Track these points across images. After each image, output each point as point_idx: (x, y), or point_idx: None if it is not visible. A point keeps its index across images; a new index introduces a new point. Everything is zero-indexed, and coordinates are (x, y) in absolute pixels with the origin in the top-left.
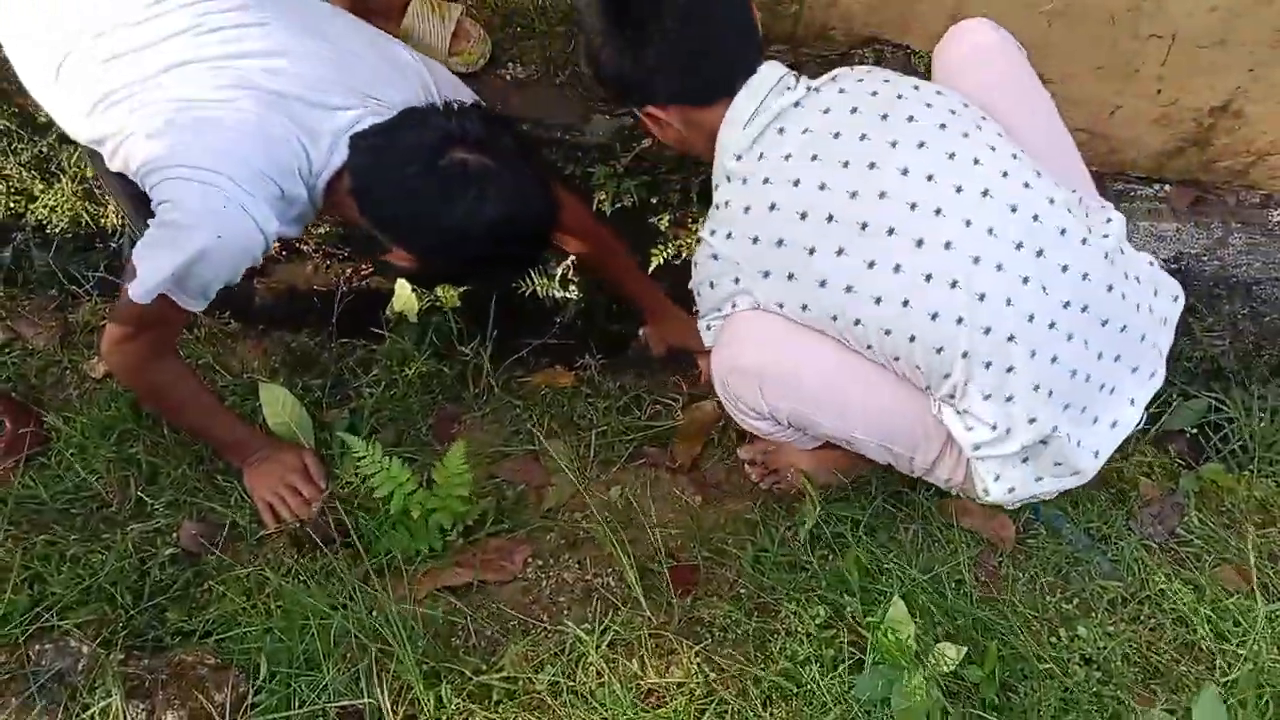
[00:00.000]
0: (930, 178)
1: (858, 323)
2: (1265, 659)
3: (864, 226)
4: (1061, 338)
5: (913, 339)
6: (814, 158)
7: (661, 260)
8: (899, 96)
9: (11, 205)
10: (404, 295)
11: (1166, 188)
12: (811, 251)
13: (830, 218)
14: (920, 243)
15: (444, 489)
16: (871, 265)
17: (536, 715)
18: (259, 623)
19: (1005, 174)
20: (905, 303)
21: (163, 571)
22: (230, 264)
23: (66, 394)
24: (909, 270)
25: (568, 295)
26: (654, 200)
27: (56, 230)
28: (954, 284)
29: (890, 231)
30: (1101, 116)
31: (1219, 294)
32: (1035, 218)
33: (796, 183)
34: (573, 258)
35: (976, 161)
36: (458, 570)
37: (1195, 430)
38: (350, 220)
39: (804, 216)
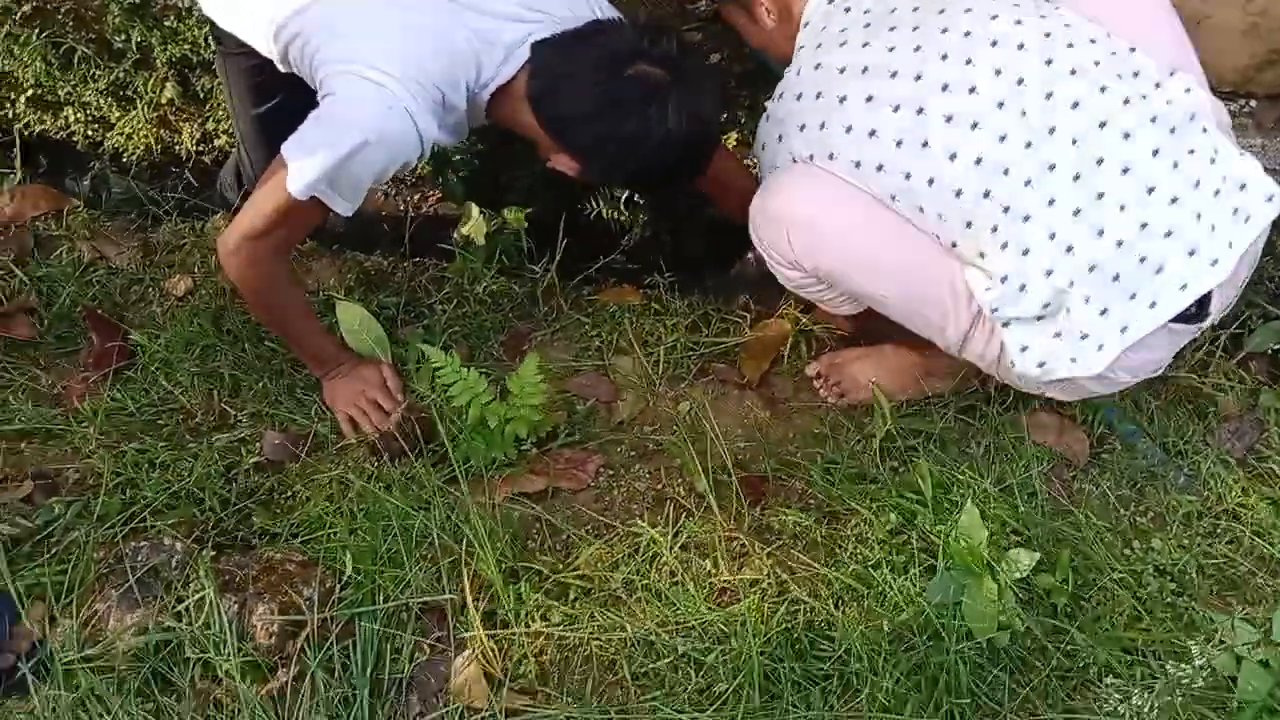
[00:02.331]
0: (967, 34)
1: (880, 168)
2: None
3: (894, 74)
4: (1088, 194)
5: (931, 182)
6: (866, 26)
7: None
8: None
9: (90, 134)
10: (471, 218)
11: (1253, 103)
12: (843, 100)
13: (865, 69)
14: (945, 87)
15: (519, 399)
16: (896, 109)
17: (613, 611)
18: (343, 524)
19: (1048, 34)
20: (925, 144)
21: (248, 479)
22: (383, 164)
23: (150, 311)
24: (931, 112)
25: (635, 217)
26: (723, 117)
27: (133, 157)
28: (974, 125)
29: (918, 78)
30: (1188, 28)
31: None
32: (1073, 72)
33: (843, 44)
34: None
35: (1018, 22)
36: (532, 477)
37: (1277, 348)
38: (516, 128)
39: (843, 70)
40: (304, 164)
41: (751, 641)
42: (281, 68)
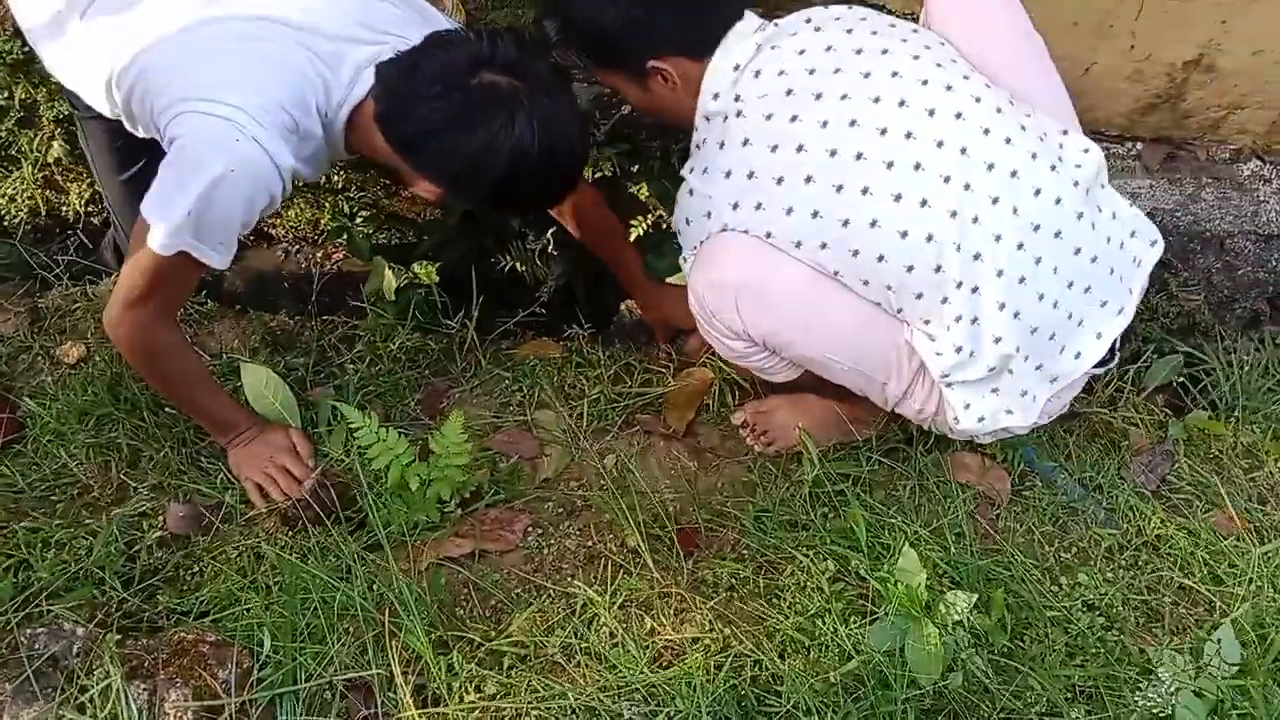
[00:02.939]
0: (902, 103)
1: (824, 246)
2: (1264, 599)
3: (833, 153)
4: (1030, 260)
5: (881, 259)
6: (789, 93)
7: (642, 230)
8: (873, 33)
9: None
10: (381, 273)
11: (1139, 146)
12: (780, 181)
13: (800, 148)
14: (890, 164)
15: (442, 460)
16: (839, 189)
17: (551, 678)
18: (258, 599)
19: (978, 99)
20: (873, 223)
21: (151, 555)
22: (245, 201)
23: (40, 380)
24: (877, 191)
25: (549, 269)
26: (634, 169)
27: (17, 221)
28: (924, 203)
29: (859, 156)
30: (1076, 74)
31: (1193, 249)
32: (1008, 140)
33: (769, 117)
34: (551, 231)
35: (949, 88)
36: (458, 541)
37: (1178, 382)
38: (374, 154)
39: (775, 149)
40: (165, 218)
41: (698, 701)
42: (129, 126)
